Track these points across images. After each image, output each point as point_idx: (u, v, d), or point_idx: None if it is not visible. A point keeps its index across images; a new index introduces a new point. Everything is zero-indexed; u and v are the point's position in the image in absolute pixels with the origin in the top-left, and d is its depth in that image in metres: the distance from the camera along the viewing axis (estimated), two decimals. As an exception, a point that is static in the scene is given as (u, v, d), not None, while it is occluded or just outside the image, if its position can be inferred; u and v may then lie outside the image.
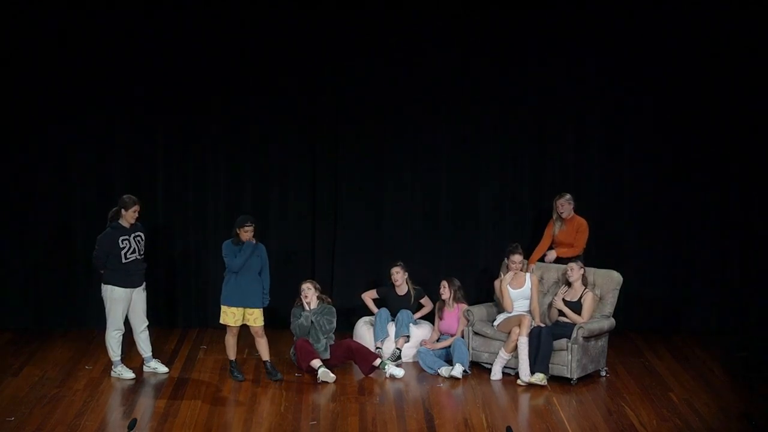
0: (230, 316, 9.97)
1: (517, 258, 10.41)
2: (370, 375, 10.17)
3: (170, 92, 11.46)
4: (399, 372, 10.10)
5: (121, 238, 9.83)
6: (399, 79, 11.54)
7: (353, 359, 10.23)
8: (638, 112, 11.67)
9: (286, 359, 10.61)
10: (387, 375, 10.08)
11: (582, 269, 10.25)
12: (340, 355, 10.22)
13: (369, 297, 11.07)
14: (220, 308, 10.04)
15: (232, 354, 10.14)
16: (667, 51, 11.54)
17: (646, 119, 11.68)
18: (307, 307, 10.26)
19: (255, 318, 10.01)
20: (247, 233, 9.88)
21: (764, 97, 11.53)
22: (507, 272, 10.50)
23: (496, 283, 10.52)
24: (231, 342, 10.09)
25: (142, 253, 9.93)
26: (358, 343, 10.37)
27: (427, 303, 11.04)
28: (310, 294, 10.27)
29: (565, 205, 10.89)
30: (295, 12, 11.39)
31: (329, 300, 10.45)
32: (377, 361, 10.11)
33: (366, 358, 10.14)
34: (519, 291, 10.43)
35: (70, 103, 11.37)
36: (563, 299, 10.24)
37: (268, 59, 11.46)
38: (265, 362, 10.18)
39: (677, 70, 11.57)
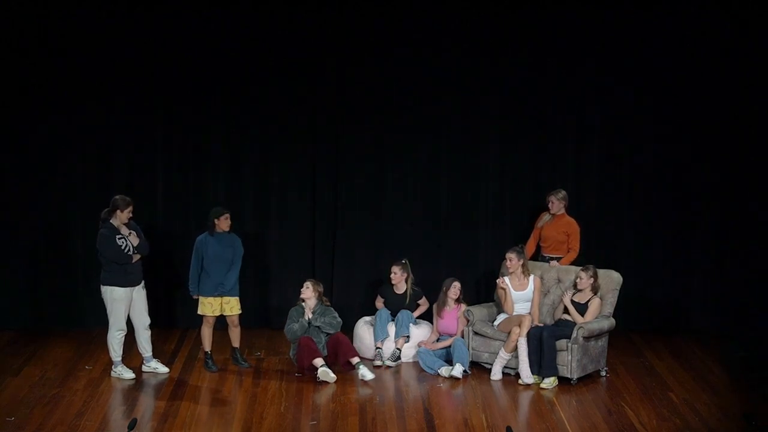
0: (207, 306, 10.21)
1: (511, 256, 10.40)
2: (373, 371, 10.20)
3: (170, 91, 11.45)
4: (369, 375, 10.02)
5: (117, 237, 9.85)
6: (399, 80, 11.54)
7: (337, 350, 10.17)
8: (638, 111, 11.68)
9: (286, 359, 10.61)
10: (359, 377, 10.01)
11: (591, 279, 10.22)
12: (331, 348, 10.17)
13: (379, 304, 11.07)
14: (219, 308, 10.26)
15: (207, 345, 10.32)
16: (667, 51, 11.55)
17: (646, 119, 11.69)
18: (305, 306, 10.29)
19: (231, 307, 10.27)
20: (226, 222, 10.21)
21: (765, 97, 11.53)
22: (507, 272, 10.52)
23: (499, 281, 10.51)
24: (207, 333, 10.29)
25: (136, 250, 9.95)
26: (346, 338, 10.31)
27: (423, 303, 11.04)
28: (308, 293, 10.30)
29: (554, 202, 10.93)
30: (296, 11, 11.39)
31: (328, 302, 10.46)
32: (355, 360, 10.07)
33: (346, 353, 10.09)
34: (521, 293, 10.42)
35: (70, 102, 11.37)
36: (574, 301, 10.24)
37: (269, 59, 11.45)
38: (233, 349, 10.41)
39: (677, 69, 11.57)
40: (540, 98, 11.64)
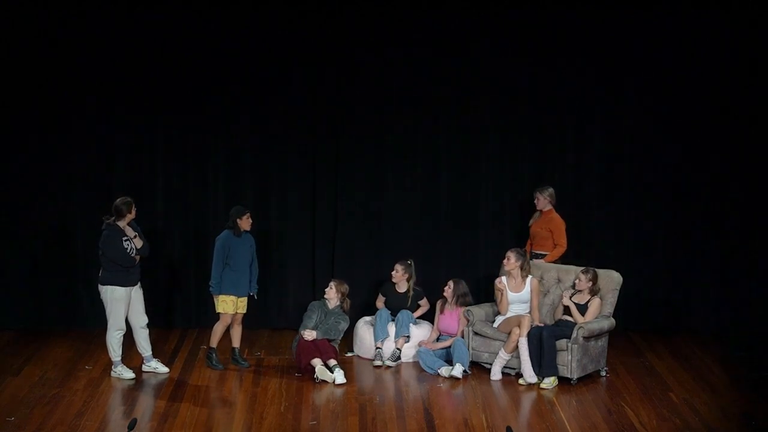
0: (230, 304, 10.25)
1: (509, 255, 10.40)
2: (373, 371, 10.21)
3: (170, 92, 11.45)
4: (341, 380, 9.93)
5: (123, 239, 9.87)
6: (400, 80, 11.54)
7: (319, 346, 10.14)
8: (639, 112, 11.67)
9: (286, 359, 10.61)
10: (333, 379, 9.93)
11: (590, 282, 10.22)
12: (313, 344, 10.18)
13: (380, 303, 11.07)
14: (219, 307, 10.30)
15: (215, 342, 10.37)
16: (668, 51, 11.55)
17: (647, 119, 11.68)
18: (328, 304, 10.43)
19: (244, 305, 10.36)
20: (248, 221, 10.24)
21: (765, 97, 11.53)
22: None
23: (497, 281, 10.52)
24: (220, 330, 10.34)
25: (138, 252, 9.98)
26: (328, 344, 10.26)
27: (424, 304, 11.05)
28: (330, 293, 10.45)
29: (540, 198, 11.01)
30: (296, 11, 11.39)
31: (345, 308, 10.47)
32: (332, 362, 10.06)
33: (324, 353, 10.10)
34: (517, 295, 10.42)
35: (70, 103, 11.37)
36: (574, 302, 10.24)
37: (269, 59, 11.45)
38: (233, 349, 10.45)
39: (678, 69, 11.57)
40: (540, 98, 11.64)
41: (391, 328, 10.76)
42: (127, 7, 11.25)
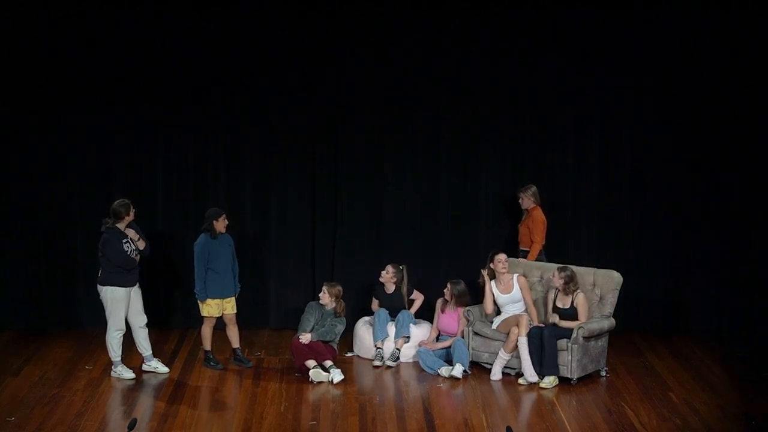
0: (214, 307, 10.26)
1: (503, 258, 10.42)
2: (372, 371, 10.20)
3: (170, 92, 11.44)
4: (339, 377, 9.96)
5: (124, 241, 9.87)
6: (400, 80, 11.54)
7: (312, 348, 10.16)
8: (639, 112, 11.67)
9: (286, 359, 10.61)
10: (329, 378, 9.96)
11: (562, 280, 10.12)
12: (307, 346, 10.19)
13: (374, 306, 11.07)
14: (219, 308, 10.31)
15: (208, 344, 10.37)
16: (667, 50, 11.54)
17: (647, 119, 11.68)
18: (326, 307, 10.40)
19: (232, 306, 10.36)
20: (224, 222, 10.24)
21: (765, 97, 11.52)
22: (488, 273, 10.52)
23: (480, 281, 10.53)
24: (208, 332, 10.34)
25: (139, 253, 9.99)
26: (323, 345, 10.25)
27: (417, 296, 11.04)
28: (325, 299, 10.40)
29: (523, 198, 11.09)
30: (296, 11, 11.39)
31: (340, 310, 10.44)
32: (328, 363, 10.08)
33: (319, 355, 10.10)
34: (508, 296, 10.42)
35: (70, 103, 11.36)
36: (558, 307, 10.21)
37: (269, 59, 11.45)
38: (235, 349, 10.46)
39: (678, 69, 11.56)
40: (540, 98, 11.63)
41: (391, 328, 10.76)
42: (127, 6, 11.25)
